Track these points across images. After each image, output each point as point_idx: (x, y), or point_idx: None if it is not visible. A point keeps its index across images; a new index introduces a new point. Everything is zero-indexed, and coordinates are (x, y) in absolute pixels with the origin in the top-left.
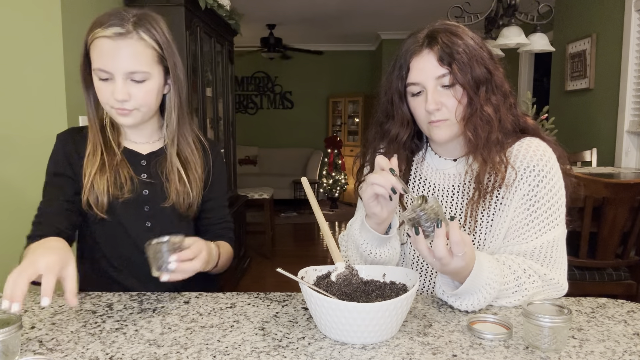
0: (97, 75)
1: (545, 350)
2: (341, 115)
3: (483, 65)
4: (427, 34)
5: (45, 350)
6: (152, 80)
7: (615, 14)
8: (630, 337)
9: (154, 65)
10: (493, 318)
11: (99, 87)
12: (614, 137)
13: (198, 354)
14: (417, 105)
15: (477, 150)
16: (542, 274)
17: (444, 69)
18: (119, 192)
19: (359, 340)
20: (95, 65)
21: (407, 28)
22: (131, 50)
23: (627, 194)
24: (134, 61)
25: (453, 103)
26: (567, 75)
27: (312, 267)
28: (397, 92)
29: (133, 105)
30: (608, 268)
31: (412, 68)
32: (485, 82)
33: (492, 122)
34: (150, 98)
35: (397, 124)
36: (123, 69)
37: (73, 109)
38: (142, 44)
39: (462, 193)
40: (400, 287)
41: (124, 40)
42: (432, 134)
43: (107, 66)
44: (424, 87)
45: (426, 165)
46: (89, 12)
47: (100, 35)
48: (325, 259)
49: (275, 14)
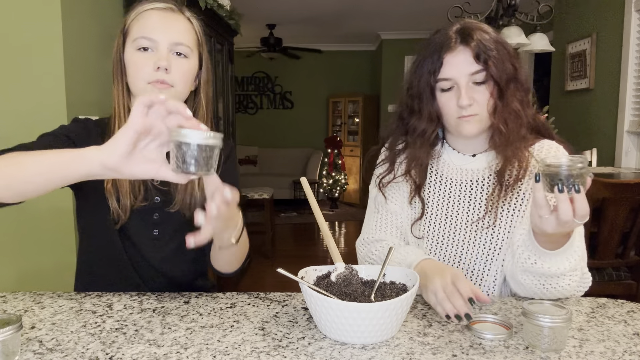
0: (136, 45)
1: (545, 350)
2: (341, 115)
3: (510, 62)
4: (459, 31)
5: (45, 351)
6: (191, 60)
7: (615, 14)
8: (630, 337)
9: (194, 48)
10: (493, 318)
11: (137, 59)
12: (614, 137)
13: (198, 354)
14: (446, 100)
15: (508, 144)
16: (581, 266)
17: (479, 66)
18: (134, 200)
19: (359, 340)
20: (137, 34)
21: (407, 28)
22: (179, 24)
23: (627, 194)
24: (181, 33)
25: (484, 98)
26: (567, 75)
27: (312, 267)
28: (428, 87)
29: (171, 80)
30: (608, 268)
31: (446, 63)
32: (513, 79)
33: (521, 116)
34: (186, 79)
35: (424, 119)
36: (169, 39)
37: (73, 109)
38: (188, 24)
39: (480, 188)
40: (400, 287)
41: (172, 14)
42: (461, 129)
43: (152, 33)
44: (456, 82)
45: (442, 162)
46: (89, 12)
47: (148, 8)
48: (325, 259)
49: (275, 14)
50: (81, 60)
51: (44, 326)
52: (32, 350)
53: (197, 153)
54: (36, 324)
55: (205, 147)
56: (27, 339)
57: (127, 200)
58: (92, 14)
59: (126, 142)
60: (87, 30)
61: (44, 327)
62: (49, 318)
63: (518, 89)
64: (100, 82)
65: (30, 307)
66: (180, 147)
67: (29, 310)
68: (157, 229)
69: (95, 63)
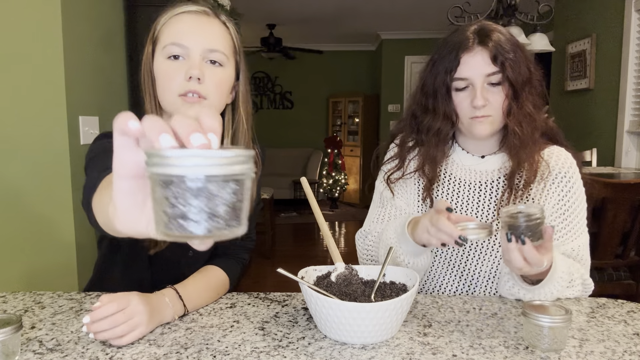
0: (165, 53)
1: (545, 350)
2: (341, 115)
3: (526, 66)
4: (477, 31)
5: (45, 351)
6: (226, 69)
7: (615, 14)
8: (630, 337)
9: (231, 56)
10: (474, 224)
11: (166, 68)
12: (614, 137)
13: (198, 354)
14: (461, 100)
15: (522, 147)
16: (581, 273)
17: (496, 67)
18: None
19: (359, 340)
20: (167, 41)
21: (407, 28)
22: (213, 30)
23: (627, 194)
24: (216, 39)
25: (499, 100)
26: (567, 75)
27: (312, 267)
28: (443, 86)
29: (205, 91)
30: (608, 268)
31: (462, 63)
32: (528, 82)
33: (535, 119)
34: (221, 90)
35: (439, 118)
36: (202, 45)
37: (73, 109)
38: (224, 28)
39: (489, 191)
40: (400, 287)
41: (207, 17)
42: (474, 129)
43: (184, 39)
44: (472, 83)
45: (452, 161)
46: (89, 12)
47: (180, 11)
48: (325, 259)
49: (275, 14)
50: (81, 61)
51: (44, 326)
52: (32, 350)
53: (205, 193)
54: (36, 324)
55: (223, 180)
56: (27, 339)
57: None
58: (92, 14)
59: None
60: (87, 31)
61: (44, 327)
62: (49, 318)
63: (532, 92)
64: (100, 82)
65: (30, 307)
66: (169, 185)
67: (29, 310)
68: (193, 250)
69: (95, 63)
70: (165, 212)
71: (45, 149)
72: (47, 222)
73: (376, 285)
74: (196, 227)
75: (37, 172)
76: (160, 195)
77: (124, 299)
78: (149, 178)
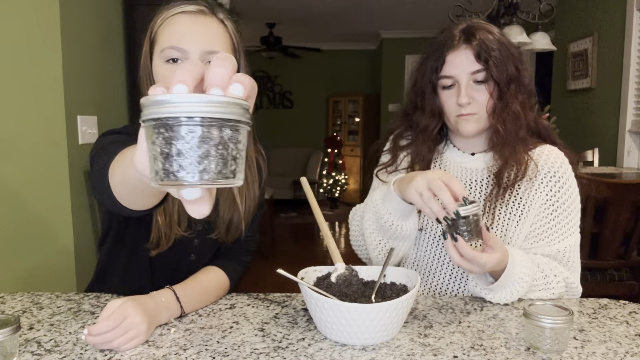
0: (164, 56)
1: (547, 351)
2: (341, 115)
3: (513, 64)
4: (463, 30)
5: (43, 352)
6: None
7: (617, 13)
8: (632, 338)
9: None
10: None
11: (165, 73)
12: (615, 137)
13: (197, 355)
14: (447, 98)
15: (505, 145)
16: (565, 277)
17: (480, 65)
18: (178, 229)
19: (359, 341)
20: (165, 44)
21: (407, 27)
22: (211, 30)
23: (629, 194)
24: (214, 40)
25: (484, 98)
26: (569, 75)
27: (312, 268)
28: (430, 84)
29: None
30: (610, 269)
31: (448, 62)
32: (514, 80)
33: (520, 118)
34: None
35: (427, 116)
36: (200, 47)
37: (71, 108)
38: (222, 27)
39: (479, 188)
40: (400, 287)
41: (204, 17)
42: (460, 127)
43: (181, 43)
44: (457, 81)
45: (445, 158)
46: (88, 12)
47: (176, 12)
48: (325, 260)
49: (275, 12)
50: (79, 60)
51: (42, 327)
52: (30, 351)
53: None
54: (34, 324)
55: (218, 126)
56: (25, 339)
57: (171, 231)
58: (90, 13)
59: None
60: (85, 30)
61: (42, 328)
62: (47, 319)
63: (520, 91)
64: (99, 82)
65: (29, 307)
66: (161, 130)
67: (27, 311)
68: (195, 253)
69: (93, 63)
70: (158, 160)
71: (44, 149)
72: (45, 222)
73: (376, 286)
74: (187, 175)
75: (35, 171)
76: (154, 142)
77: (120, 314)
78: (144, 129)
